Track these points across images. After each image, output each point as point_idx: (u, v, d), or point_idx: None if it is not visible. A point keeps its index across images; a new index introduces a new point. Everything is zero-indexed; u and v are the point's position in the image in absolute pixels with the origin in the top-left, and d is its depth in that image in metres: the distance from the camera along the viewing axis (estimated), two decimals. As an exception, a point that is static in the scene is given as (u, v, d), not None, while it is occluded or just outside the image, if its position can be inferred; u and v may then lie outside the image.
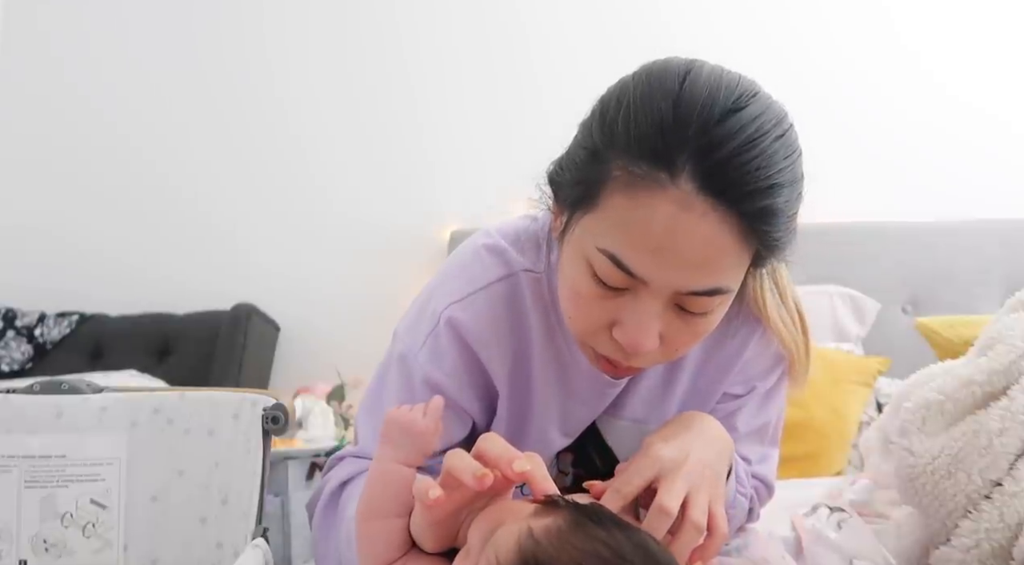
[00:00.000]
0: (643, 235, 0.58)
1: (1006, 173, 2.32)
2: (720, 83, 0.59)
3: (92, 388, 1.04)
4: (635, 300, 0.61)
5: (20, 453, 0.99)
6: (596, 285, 0.62)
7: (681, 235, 0.57)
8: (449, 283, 0.78)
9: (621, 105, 0.60)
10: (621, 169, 0.59)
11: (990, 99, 2.35)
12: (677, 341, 0.65)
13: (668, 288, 0.60)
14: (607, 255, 0.60)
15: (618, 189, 0.59)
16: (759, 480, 0.85)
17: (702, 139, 0.56)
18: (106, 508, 0.99)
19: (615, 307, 0.63)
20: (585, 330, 0.66)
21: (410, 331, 0.79)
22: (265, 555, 0.84)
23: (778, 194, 0.58)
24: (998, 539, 0.77)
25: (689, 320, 0.63)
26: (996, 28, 2.37)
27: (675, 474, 0.63)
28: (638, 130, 0.58)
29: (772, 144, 0.57)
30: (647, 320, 0.61)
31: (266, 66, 2.52)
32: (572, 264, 0.65)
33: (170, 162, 2.52)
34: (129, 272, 2.48)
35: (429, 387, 0.75)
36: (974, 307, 2.06)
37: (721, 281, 0.61)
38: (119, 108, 2.53)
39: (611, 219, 0.60)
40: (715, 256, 0.58)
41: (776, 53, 2.37)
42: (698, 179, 0.56)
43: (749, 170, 0.56)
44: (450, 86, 2.48)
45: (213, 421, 1.01)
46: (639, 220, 0.58)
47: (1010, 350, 0.84)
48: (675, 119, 0.57)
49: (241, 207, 2.50)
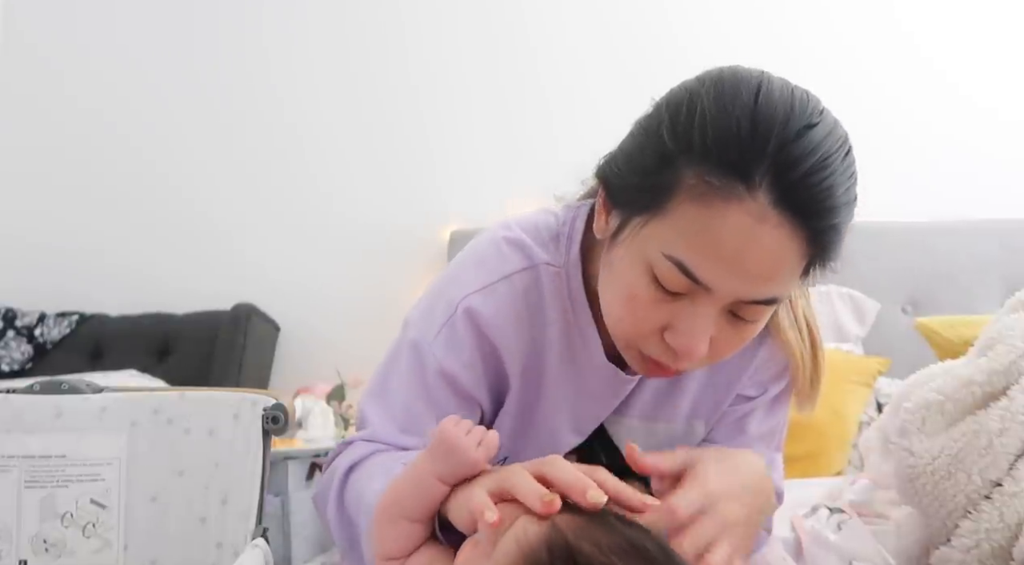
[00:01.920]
0: (714, 244, 0.59)
1: (1006, 173, 2.32)
2: (793, 98, 0.60)
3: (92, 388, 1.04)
4: (692, 305, 0.62)
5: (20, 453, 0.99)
6: (655, 290, 0.63)
7: (752, 246, 0.58)
8: (467, 273, 0.78)
9: (695, 112, 0.60)
10: (695, 177, 0.59)
11: (990, 99, 2.35)
12: (724, 346, 0.66)
13: (730, 296, 0.61)
14: (674, 261, 0.61)
15: (691, 197, 0.60)
16: None
17: (780, 154, 0.57)
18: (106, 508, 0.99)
19: (670, 311, 0.63)
20: (636, 333, 0.67)
21: (424, 319, 0.78)
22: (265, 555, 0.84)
23: (845, 213, 0.60)
24: (998, 539, 0.77)
25: (739, 326, 0.65)
26: (997, 28, 2.37)
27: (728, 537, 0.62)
28: (716, 139, 0.59)
29: (841, 163, 0.60)
30: (703, 326, 0.62)
31: (266, 67, 2.52)
32: (629, 267, 0.65)
33: (170, 162, 2.52)
34: (129, 272, 2.48)
35: (443, 378, 0.75)
36: (974, 307, 2.06)
37: (779, 291, 0.63)
38: (119, 109, 2.53)
39: (681, 226, 0.60)
40: (780, 268, 0.60)
41: (776, 52, 2.37)
42: (775, 193, 0.57)
43: (824, 188, 0.58)
44: (450, 86, 2.48)
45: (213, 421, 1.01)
46: (711, 229, 0.59)
47: (1010, 350, 0.84)
48: (753, 131, 0.58)
49: (241, 207, 2.50)
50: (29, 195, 2.53)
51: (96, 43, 2.55)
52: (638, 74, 2.37)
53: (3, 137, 2.55)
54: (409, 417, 0.76)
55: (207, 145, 2.52)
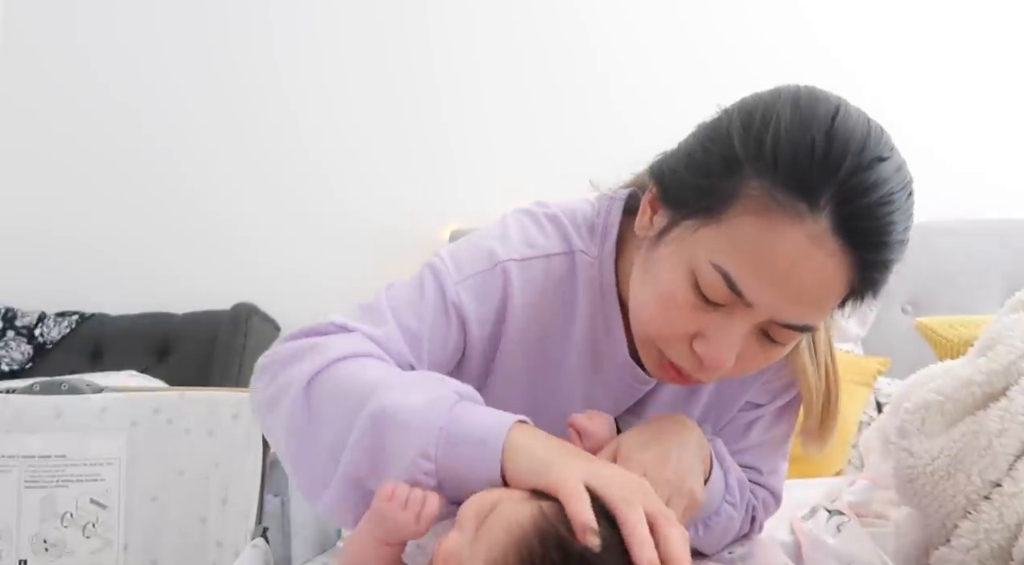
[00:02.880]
0: (767, 261, 0.58)
1: (1006, 173, 2.32)
2: (869, 127, 0.60)
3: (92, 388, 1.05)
4: (728, 318, 0.61)
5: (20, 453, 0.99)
6: (695, 296, 0.61)
7: (805, 270, 0.57)
8: (511, 239, 0.76)
9: (769, 122, 0.59)
10: (760, 189, 0.58)
11: (990, 99, 2.35)
12: (749, 363, 0.65)
13: (768, 315, 0.60)
14: (720, 272, 0.59)
15: (751, 208, 0.58)
16: (768, 490, 0.84)
17: (850, 180, 0.56)
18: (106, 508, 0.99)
19: (704, 320, 0.62)
20: (665, 335, 0.65)
21: (456, 260, 0.75)
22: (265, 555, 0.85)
23: (899, 249, 0.60)
24: (997, 540, 0.77)
25: (767, 347, 0.64)
26: (997, 28, 2.37)
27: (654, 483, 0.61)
28: (790, 154, 0.57)
29: (905, 201, 0.59)
30: (734, 340, 0.62)
31: (267, 67, 2.52)
32: (672, 269, 0.63)
33: (171, 162, 2.52)
34: (129, 272, 2.48)
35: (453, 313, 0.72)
36: (974, 307, 2.06)
37: (817, 319, 0.62)
38: (119, 110, 2.53)
39: (735, 237, 0.59)
40: (826, 295, 0.60)
41: (777, 52, 2.37)
42: (836, 219, 0.56)
43: (886, 222, 0.58)
44: (451, 87, 2.48)
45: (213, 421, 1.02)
46: (767, 244, 0.58)
47: (1009, 351, 0.84)
48: (827, 152, 0.57)
49: (241, 206, 2.50)
50: (29, 195, 2.53)
51: (96, 42, 2.55)
52: (639, 75, 2.37)
53: (3, 137, 2.55)
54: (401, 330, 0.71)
55: (207, 145, 2.52)
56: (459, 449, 0.58)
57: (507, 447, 0.57)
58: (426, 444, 0.57)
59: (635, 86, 2.35)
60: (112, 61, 2.54)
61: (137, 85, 2.54)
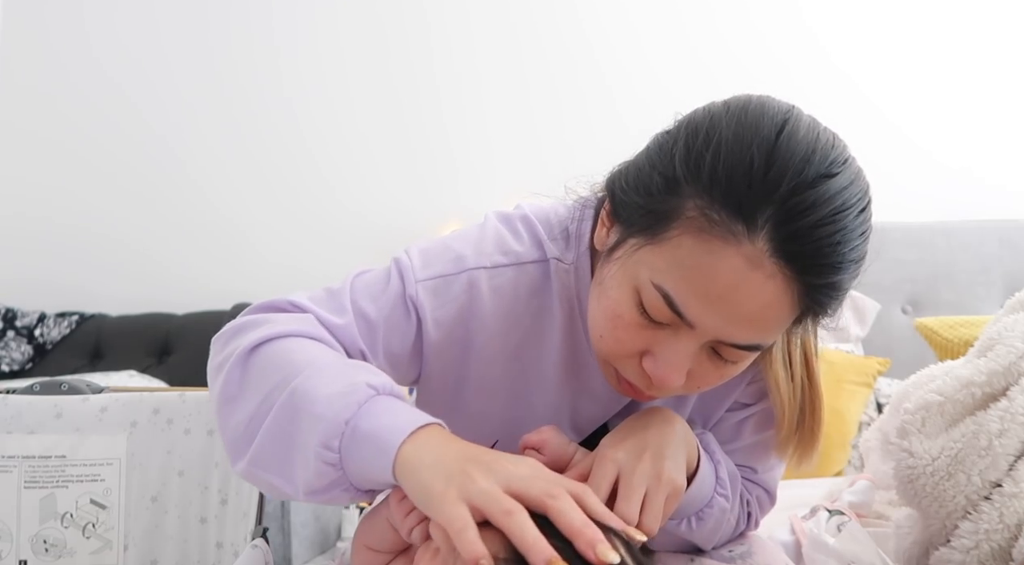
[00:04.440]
0: (704, 283, 0.57)
1: (1005, 173, 2.33)
2: (817, 143, 0.57)
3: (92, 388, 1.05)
4: (674, 337, 0.61)
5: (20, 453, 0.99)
6: (639, 315, 0.61)
7: (743, 292, 0.57)
8: (485, 246, 0.75)
9: (711, 141, 0.58)
10: (697, 210, 0.57)
11: (990, 99, 2.35)
12: (702, 380, 0.65)
13: (712, 335, 0.60)
14: (661, 292, 0.59)
15: (689, 229, 0.57)
16: (763, 488, 0.83)
17: (790, 200, 0.55)
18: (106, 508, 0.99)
19: (651, 338, 0.62)
20: (614, 353, 0.65)
21: (423, 258, 0.74)
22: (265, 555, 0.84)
23: (846, 271, 0.58)
24: (998, 540, 0.77)
25: (719, 365, 0.63)
26: (996, 28, 2.37)
27: (631, 476, 0.63)
28: (726, 174, 0.56)
29: (854, 220, 0.57)
30: (681, 359, 0.61)
31: (267, 69, 2.52)
32: (618, 287, 0.63)
33: (170, 162, 2.52)
34: (129, 272, 2.48)
35: (409, 305, 0.72)
36: (974, 307, 2.06)
37: (764, 339, 0.61)
38: (120, 110, 2.53)
39: (674, 258, 0.58)
40: (769, 316, 0.58)
41: (777, 52, 2.37)
42: (775, 241, 0.55)
43: (827, 244, 0.56)
44: (452, 87, 2.48)
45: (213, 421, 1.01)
46: (704, 267, 0.57)
47: (1010, 351, 0.84)
48: (766, 173, 0.55)
49: (241, 207, 2.50)
50: (29, 195, 2.53)
51: (99, 39, 2.55)
52: (640, 75, 2.37)
53: (3, 137, 2.55)
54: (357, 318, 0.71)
55: (207, 145, 2.52)
56: (361, 447, 0.57)
57: (399, 460, 0.55)
58: (330, 436, 0.57)
59: (635, 86, 2.35)
60: (113, 64, 2.54)
61: (136, 86, 2.54)
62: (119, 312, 2.39)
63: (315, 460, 0.57)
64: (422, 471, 0.54)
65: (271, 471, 0.62)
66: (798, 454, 0.76)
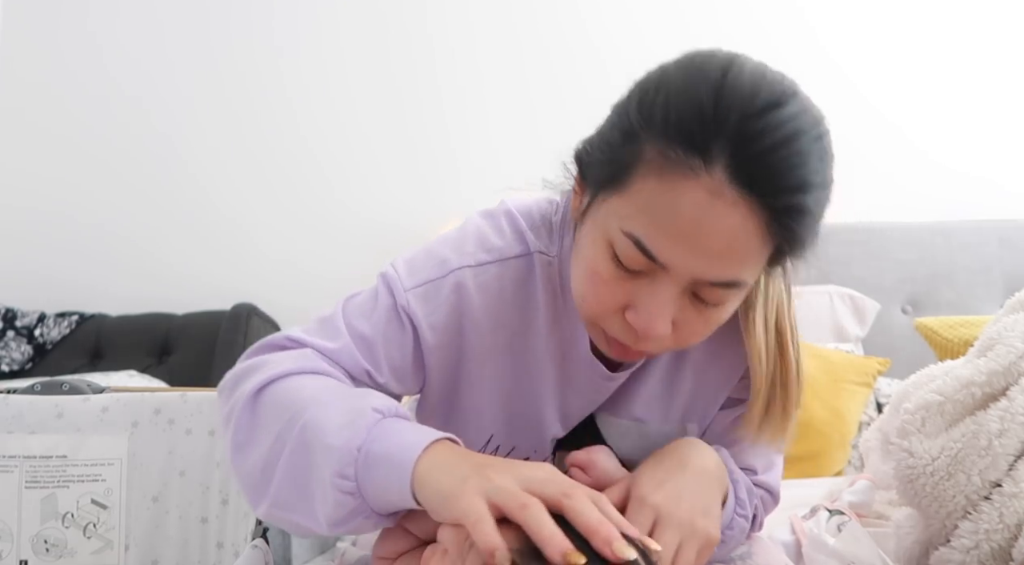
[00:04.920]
0: (670, 220, 0.58)
1: (1005, 173, 2.33)
2: (763, 79, 0.59)
3: (93, 388, 1.05)
4: (652, 284, 0.62)
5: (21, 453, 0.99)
6: (615, 267, 0.62)
7: (708, 223, 0.57)
8: (467, 244, 0.77)
9: (661, 89, 0.60)
10: (655, 152, 0.58)
11: (990, 99, 2.35)
12: (688, 330, 0.65)
13: (687, 275, 0.60)
14: (631, 238, 0.60)
15: (650, 172, 0.59)
16: (765, 489, 0.83)
17: (740, 130, 0.56)
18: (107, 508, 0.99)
19: (631, 290, 0.63)
20: (598, 311, 0.66)
21: (408, 267, 0.76)
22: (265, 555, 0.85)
23: (808, 193, 0.58)
24: (998, 540, 0.77)
25: (703, 310, 0.63)
26: (996, 29, 2.37)
27: (667, 525, 0.63)
28: (677, 115, 0.58)
29: (808, 144, 0.58)
30: (662, 305, 0.61)
31: (267, 69, 2.52)
32: (592, 244, 0.64)
33: (170, 162, 2.52)
34: (129, 272, 2.48)
35: (403, 315, 0.73)
36: (974, 307, 2.06)
37: (740, 274, 0.61)
38: (120, 110, 2.53)
39: (639, 202, 0.60)
40: (738, 247, 0.58)
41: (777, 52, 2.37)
42: (731, 169, 0.56)
43: (783, 167, 0.56)
44: (455, 87, 2.48)
45: (214, 421, 1.02)
46: (668, 204, 0.58)
47: (1009, 351, 0.84)
48: (715, 107, 0.56)
49: (240, 206, 2.50)
50: (29, 195, 2.53)
51: (100, 39, 2.55)
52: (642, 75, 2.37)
53: (3, 138, 2.55)
54: (355, 339, 0.72)
55: (207, 145, 2.52)
56: (376, 470, 0.57)
57: (415, 477, 0.56)
58: (344, 464, 0.57)
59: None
60: (114, 63, 2.54)
61: (137, 87, 2.54)
62: (119, 312, 2.39)
63: (332, 491, 0.57)
64: (440, 477, 0.55)
65: (292, 510, 0.62)
66: (769, 431, 0.74)
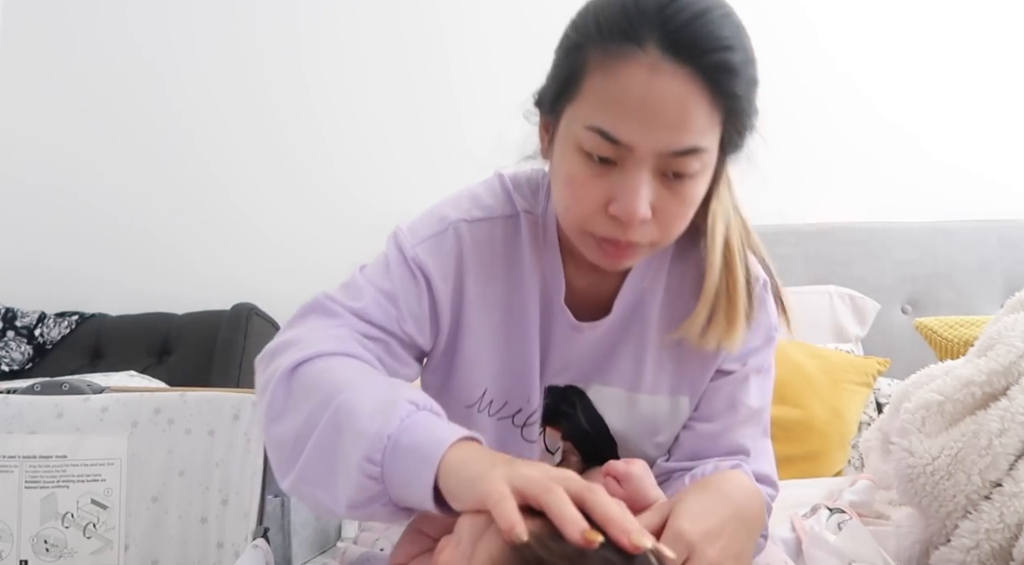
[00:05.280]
0: (623, 102, 0.65)
1: (1005, 172, 2.33)
2: None
3: (93, 388, 1.05)
4: (623, 172, 0.67)
5: (21, 453, 0.99)
6: (588, 165, 0.68)
7: (654, 95, 0.64)
8: (463, 202, 0.85)
9: (589, 7, 0.70)
10: (595, 53, 0.67)
11: (991, 99, 2.35)
12: (666, 212, 0.69)
13: (652, 151, 0.66)
14: (594, 130, 0.66)
15: (595, 70, 0.67)
16: (770, 485, 0.84)
17: (660, 13, 0.64)
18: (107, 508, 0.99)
19: (607, 185, 0.68)
20: (583, 213, 0.70)
21: (412, 227, 0.83)
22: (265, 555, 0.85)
23: (731, 51, 0.66)
24: (998, 540, 0.77)
25: (674, 186, 0.69)
26: (996, 28, 2.37)
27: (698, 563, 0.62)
28: (607, 18, 0.67)
29: (722, 18, 0.66)
30: (637, 187, 0.67)
31: (267, 69, 2.52)
32: (564, 155, 0.71)
33: (170, 163, 2.52)
34: (129, 272, 2.48)
35: (414, 267, 0.79)
36: (974, 307, 2.06)
37: (697, 140, 0.66)
38: (120, 110, 2.53)
39: (593, 98, 0.67)
40: (688, 112, 0.65)
41: (778, 50, 2.37)
42: (661, 45, 0.64)
43: (703, 32, 0.65)
44: (450, 87, 2.48)
45: (214, 421, 1.02)
46: (617, 89, 0.65)
47: (1010, 350, 0.84)
48: (636, 4, 0.65)
49: (240, 206, 2.50)
50: (29, 195, 2.53)
51: (103, 40, 2.55)
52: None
53: (3, 138, 2.55)
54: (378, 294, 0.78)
55: (206, 145, 2.52)
56: (402, 459, 0.59)
57: (442, 466, 0.57)
58: (373, 450, 0.59)
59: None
60: (114, 63, 2.54)
61: (136, 87, 2.54)
62: (119, 312, 2.39)
63: (357, 474, 0.59)
64: (468, 466, 0.57)
65: (317, 486, 0.64)
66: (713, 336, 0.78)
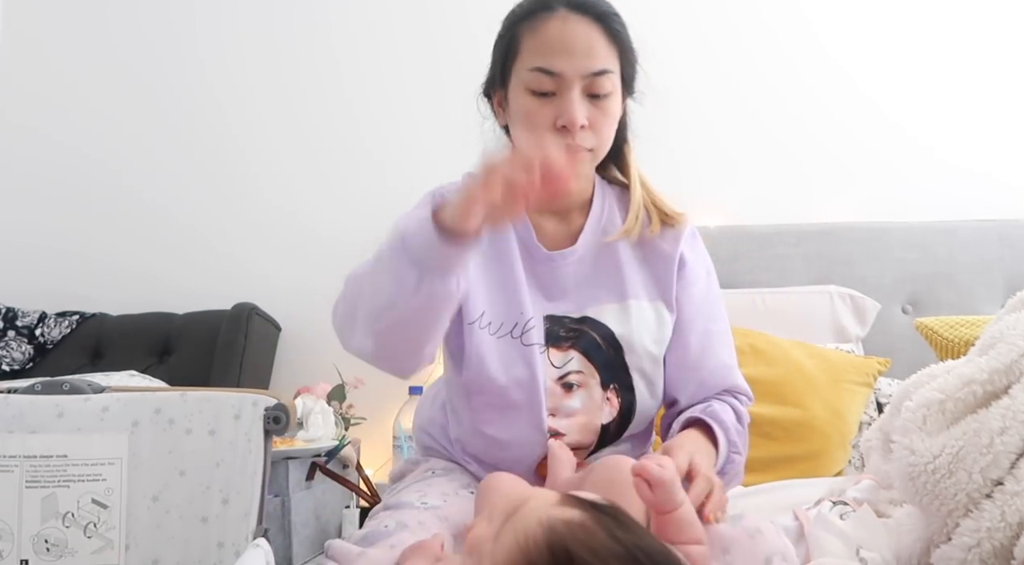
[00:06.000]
0: (551, 45, 0.98)
1: (1007, 172, 2.32)
2: None
3: (94, 388, 1.05)
4: (561, 97, 0.98)
5: (21, 453, 0.99)
6: (536, 99, 0.99)
7: (570, 34, 0.98)
8: (442, 184, 1.10)
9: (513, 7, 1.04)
10: (523, 24, 1.01)
11: (991, 99, 2.35)
12: (597, 121, 1.00)
13: (577, 75, 0.97)
14: (536, 69, 0.98)
15: (526, 34, 1.00)
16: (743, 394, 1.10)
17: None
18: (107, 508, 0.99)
19: (553, 109, 0.98)
20: (539, 134, 0.96)
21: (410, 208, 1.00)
22: (266, 555, 0.84)
23: (615, 12, 1.02)
24: (999, 538, 0.77)
25: (599, 103, 1.00)
26: (997, 28, 2.37)
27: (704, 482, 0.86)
28: (527, 4, 1.02)
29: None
30: (574, 101, 0.97)
31: (267, 70, 2.52)
32: (517, 100, 1.01)
33: (170, 163, 2.52)
34: (129, 272, 2.48)
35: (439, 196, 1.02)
36: (974, 307, 2.06)
37: (605, 63, 0.99)
38: (120, 110, 2.54)
39: (530, 51, 1.00)
40: (593, 45, 0.98)
41: (778, 52, 2.37)
42: (569, 7, 0.99)
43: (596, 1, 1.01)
44: (448, 88, 2.48)
45: (214, 421, 1.01)
46: (546, 39, 0.99)
47: (1011, 349, 0.84)
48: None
49: (241, 207, 2.50)
50: (29, 196, 2.53)
51: (102, 41, 2.55)
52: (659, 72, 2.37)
53: (3, 137, 2.55)
54: None
55: (206, 145, 2.52)
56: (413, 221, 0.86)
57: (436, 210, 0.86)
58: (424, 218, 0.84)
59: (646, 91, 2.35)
60: (114, 63, 2.54)
61: (137, 86, 2.54)
62: (119, 312, 2.39)
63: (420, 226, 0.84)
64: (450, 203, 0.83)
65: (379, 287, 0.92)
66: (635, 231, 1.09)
